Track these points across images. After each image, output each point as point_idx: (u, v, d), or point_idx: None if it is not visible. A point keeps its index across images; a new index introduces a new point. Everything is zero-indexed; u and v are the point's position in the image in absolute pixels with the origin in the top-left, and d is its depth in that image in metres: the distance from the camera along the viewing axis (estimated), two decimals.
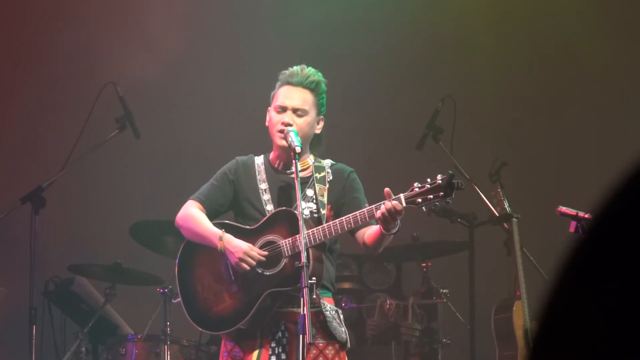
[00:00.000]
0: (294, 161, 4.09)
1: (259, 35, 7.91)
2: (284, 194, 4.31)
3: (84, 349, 6.17)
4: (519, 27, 8.15)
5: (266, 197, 4.32)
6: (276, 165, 4.39)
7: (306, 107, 4.30)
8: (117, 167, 7.61)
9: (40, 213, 5.55)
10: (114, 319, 6.70)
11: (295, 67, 4.38)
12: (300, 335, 3.79)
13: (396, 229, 4.03)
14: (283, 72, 4.40)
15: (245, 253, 4.14)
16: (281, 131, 4.25)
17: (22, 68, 7.70)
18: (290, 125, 4.25)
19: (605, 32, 8.00)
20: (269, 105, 4.38)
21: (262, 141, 4.49)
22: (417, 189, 3.96)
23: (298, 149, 4.10)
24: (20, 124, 7.65)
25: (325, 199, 4.26)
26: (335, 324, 4.20)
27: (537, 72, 8.19)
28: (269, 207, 4.29)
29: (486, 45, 8.14)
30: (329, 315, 4.19)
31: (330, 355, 4.18)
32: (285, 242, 4.14)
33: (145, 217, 6.52)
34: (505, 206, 6.01)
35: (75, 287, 6.68)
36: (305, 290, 3.81)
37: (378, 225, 4.06)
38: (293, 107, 4.29)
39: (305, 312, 3.78)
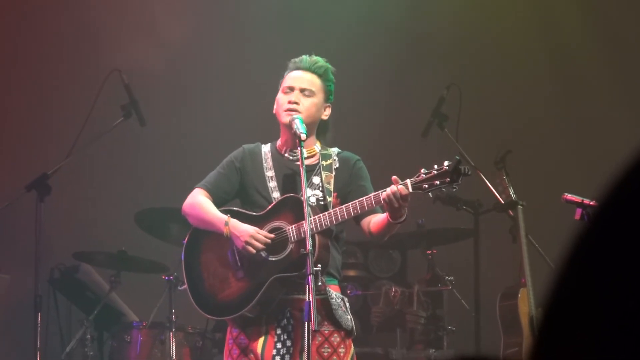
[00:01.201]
0: (299, 148, 4.09)
1: (264, 24, 7.89)
2: (290, 181, 4.31)
3: (89, 336, 6.18)
4: (524, 14, 8.12)
5: (272, 184, 4.32)
6: (283, 152, 4.39)
7: (313, 89, 4.31)
8: (123, 154, 7.61)
9: (45, 200, 5.55)
10: (119, 306, 6.71)
11: (304, 55, 4.40)
12: (306, 322, 3.80)
13: (403, 218, 4.02)
14: (293, 60, 4.42)
15: (252, 236, 4.14)
16: (289, 110, 4.25)
17: (26, 56, 7.69)
18: (297, 103, 4.26)
19: (608, 20, 7.97)
20: (276, 93, 4.38)
21: (268, 130, 4.49)
22: (423, 175, 3.96)
23: (303, 136, 4.10)
24: (25, 112, 7.64)
25: (331, 187, 4.26)
26: (341, 311, 4.19)
27: (543, 59, 8.17)
28: (275, 195, 4.29)
29: (491, 32, 8.12)
30: (335, 302, 4.18)
31: (335, 343, 4.18)
32: (291, 227, 4.14)
33: (150, 204, 6.53)
34: (511, 193, 6.00)
35: (80, 275, 6.70)
36: (311, 277, 3.82)
37: (384, 213, 4.06)
38: (300, 87, 4.30)
39: (310, 299, 3.78)
